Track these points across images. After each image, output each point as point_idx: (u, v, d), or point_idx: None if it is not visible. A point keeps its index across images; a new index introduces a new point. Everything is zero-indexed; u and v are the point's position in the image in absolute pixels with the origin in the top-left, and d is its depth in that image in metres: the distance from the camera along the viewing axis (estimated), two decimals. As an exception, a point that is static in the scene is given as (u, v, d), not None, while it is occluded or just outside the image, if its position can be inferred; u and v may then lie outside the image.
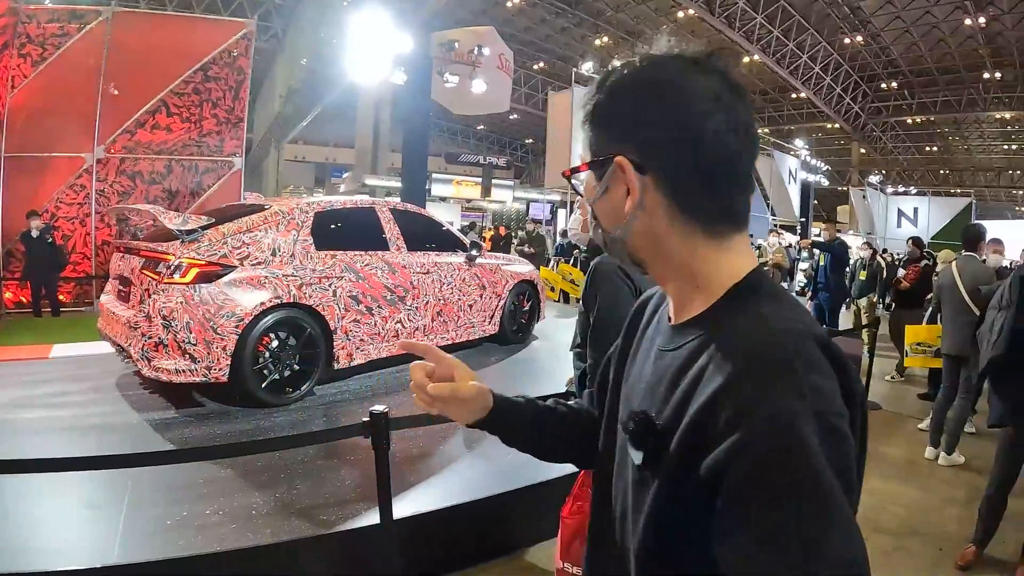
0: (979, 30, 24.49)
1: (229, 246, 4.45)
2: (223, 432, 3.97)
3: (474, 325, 6.29)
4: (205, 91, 9.63)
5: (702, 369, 0.72)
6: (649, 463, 0.76)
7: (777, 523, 0.61)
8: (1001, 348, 3.50)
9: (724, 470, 0.65)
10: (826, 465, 0.62)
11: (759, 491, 0.63)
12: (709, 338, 0.75)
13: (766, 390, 0.65)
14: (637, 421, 0.78)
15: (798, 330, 0.72)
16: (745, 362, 0.68)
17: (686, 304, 0.83)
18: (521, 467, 3.54)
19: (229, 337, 4.24)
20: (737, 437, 0.64)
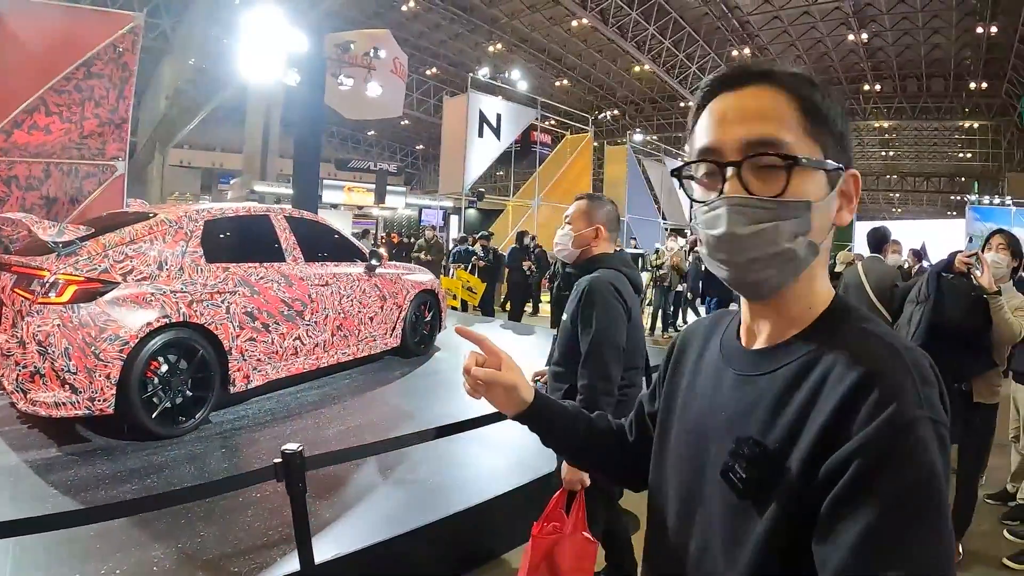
0: (861, 45, 26.85)
1: (111, 260, 4.18)
2: (111, 472, 3.70)
3: (376, 338, 6.22)
4: (87, 89, 8.95)
5: (818, 385, 0.77)
6: (758, 490, 0.78)
7: (881, 521, 0.67)
8: (920, 339, 3.75)
9: (844, 468, 0.70)
10: (941, 469, 0.69)
11: (879, 487, 0.68)
12: (818, 356, 0.80)
13: (890, 400, 0.70)
14: (750, 446, 0.80)
15: (908, 346, 0.78)
16: (868, 376, 0.73)
17: (784, 327, 0.87)
18: (443, 491, 3.57)
19: (113, 363, 3.96)
20: (862, 437, 0.69)
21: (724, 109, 0.86)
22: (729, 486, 0.82)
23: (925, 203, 41.05)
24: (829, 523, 0.70)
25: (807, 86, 0.85)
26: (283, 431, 4.43)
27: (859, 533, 0.67)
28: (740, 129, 0.83)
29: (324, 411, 4.92)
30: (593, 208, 2.69)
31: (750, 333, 0.92)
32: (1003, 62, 25.61)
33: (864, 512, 0.67)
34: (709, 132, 0.86)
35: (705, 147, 0.86)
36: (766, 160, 0.81)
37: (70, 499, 3.35)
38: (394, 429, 4.60)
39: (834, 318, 0.85)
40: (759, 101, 0.84)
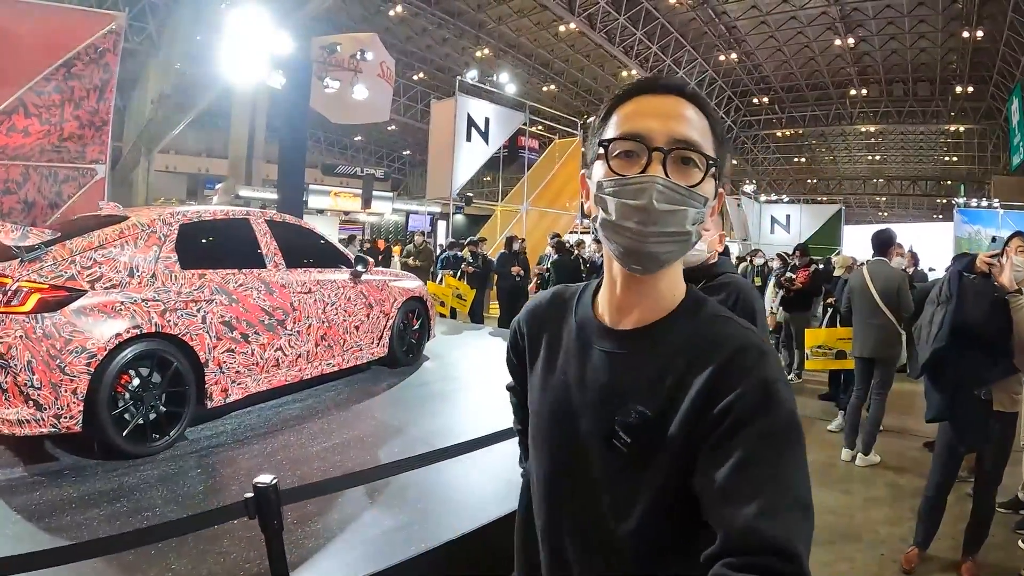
0: (848, 50, 27.02)
1: (78, 266, 3.88)
2: (78, 495, 3.41)
3: (362, 348, 5.95)
4: (67, 90, 8.62)
5: (693, 359, 0.92)
6: (642, 452, 0.92)
7: (758, 452, 0.82)
8: (943, 340, 3.69)
9: (722, 419, 0.85)
10: (798, 416, 0.87)
11: (752, 429, 0.83)
12: (689, 336, 0.96)
13: (755, 366, 0.89)
14: (638, 414, 0.93)
15: (754, 329, 0.98)
16: (738, 349, 0.91)
17: (651, 311, 1.00)
18: (433, 517, 3.30)
19: (80, 378, 3.67)
20: (737, 394, 0.86)
21: (654, 106, 0.98)
22: (614, 453, 0.95)
23: (911, 207, 41.29)
24: (710, 458, 0.85)
25: (713, 111, 1.02)
26: (264, 448, 4.15)
27: (736, 462, 0.82)
28: (670, 125, 0.95)
29: (307, 426, 4.63)
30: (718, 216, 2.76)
31: (618, 312, 1.03)
32: (988, 67, 25.72)
33: (739, 447, 0.82)
34: (636, 120, 0.97)
35: (633, 132, 0.96)
36: (686, 155, 0.95)
37: (33, 525, 3.07)
38: (381, 445, 4.34)
39: (695, 304, 1.02)
40: (684, 110, 0.98)
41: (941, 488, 3.86)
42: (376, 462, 4.00)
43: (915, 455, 5.89)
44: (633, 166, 0.95)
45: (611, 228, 0.97)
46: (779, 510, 0.78)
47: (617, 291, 1.02)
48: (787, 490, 0.80)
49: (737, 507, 0.79)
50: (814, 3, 23.96)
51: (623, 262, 0.98)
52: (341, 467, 3.84)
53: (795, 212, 28.20)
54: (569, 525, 1.03)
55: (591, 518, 0.98)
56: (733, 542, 0.78)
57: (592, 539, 1.00)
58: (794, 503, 0.80)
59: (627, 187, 0.94)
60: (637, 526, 0.92)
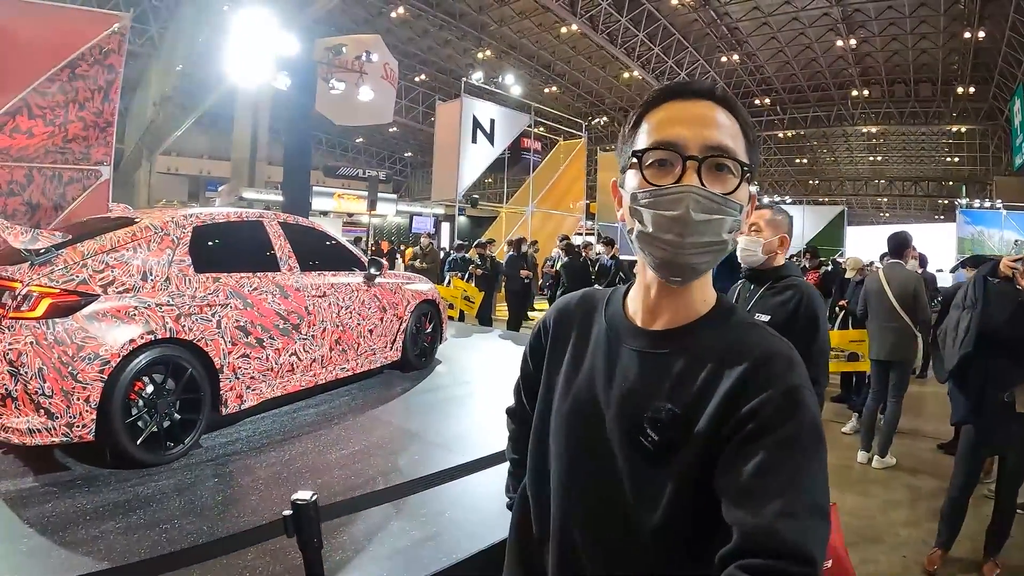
0: (849, 51, 26.92)
1: (90, 269, 3.76)
2: (92, 506, 3.28)
3: (376, 352, 5.84)
4: (72, 91, 8.48)
5: (722, 362, 0.93)
6: (669, 448, 0.92)
7: (780, 456, 0.83)
8: (970, 346, 3.70)
9: (748, 420, 0.86)
10: (821, 423, 0.89)
11: (775, 432, 0.84)
12: (718, 340, 0.96)
13: (783, 373, 0.90)
14: (667, 412, 0.93)
15: (783, 338, 0.98)
16: (766, 356, 0.92)
17: (683, 314, 1.01)
18: (465, 526, 3.18)
19: (93, 385, 3.54)
20: (762, 397, 0.87)
21: (685, 113, 0.96)
22: (637, 449, 0.95)
23: (912, 207, 41.21)
24: (732, 459, 0.86)
25: (744, 113, 1.00)
26: (281, 456, 4.03)
27: (757, 464, 0.83)
28: (703, 132, 0.94)
29: (324, 432, 4.52)
30: (779, 219, 2.92)
31: (650, 314, 1.03)
32: (990, 67, 25.61)
33: (762, 450, 0.83)
34: (668, 128, 0.96)
35: (665, 141, 0.95)
36: (720, 162, 0.94)
37: (47, 539, 2.94)
38: (401, 452, 4.23)
39: (725, 311, 1.02)
40: (716, 114, 0.96)
41: (964, 490, 3.84)
42: (397, 469, 3.90)
43: (930, 457, 5.87)
44: (667, 175, 0.95)
45: (648, 240, 0.96)
46: (798, 513, 0.79)
47: (651, 296, 1.03)
48: (806, 495, 0.82)
49: (756, 508, 0.80)
50: (816, 4, 23.85)
51: (660, 273, 0.98)
52: (362, 475, 3.73)
53: (798, 213, 27.93)
54: (585, 520, 1.03)
55: (611, 513, 0.98)
56: (750, 542, 0.79)
57: (610, 535, 0.99)
58: (813, 508, 0.81)
59: (663, 198, 0.93)
60: (658, 522, 0.92)
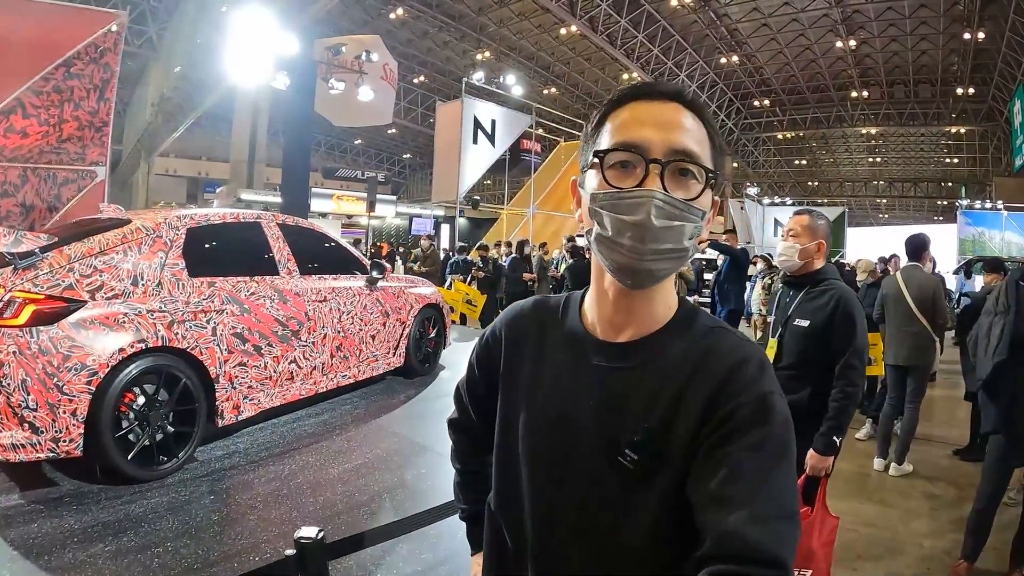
0: (849, 52, 26.91)
1: (76, 274, 3.53)
2: (80, 526, 3.06)
3: (378, 358, 5.62)
4: (67, 90, 8.33)
5: (694, 371, 0.92)
6: (649, 468, 0.91)
7: (750, 462, 0.83)
8: (1004, 353, 3.56)
9: (719, 427, 0.86)
10: (792, 428, 0.88)
11: (746, 438, 0.84)
12: (687, 349, 0.95)
13: (755, 377, 0.90)
14: (641, 432, 0.91)
15: (751, 341, 1.00)
16: (737, 362, 0.91)
17: (647, 324, 0.98)
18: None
19: (80, 397, 3.31)
20: (735, 404, 0.87)
21: (651, 114, 0.93)
22: (618, 469, 0.92)
23: (912, 209, 41.13)
24: (703, 464, 0.86)
25: (711, 118, 0.97)
26: (280, 471, 3.80)
27: (727, 470, 0.82)
28: (668, 135, 0.91)
29: (325, 444, 4.30)
30: (816, 224, 2.92)
31: (611, 326, 0.99)
32: (990, 68, 25.52)
33: (733, 455, 0.83)
34: (634, 129, 0.92)
35: (629, 142, 0.91)
36: (684, 167, 0.91)
37: (32, 563, 2.75)
38: (407, 466, 4.00)
39: (688, 316, 0.99)
40: (682, 118, 0.93)
41: (992, 500, 3.71)
42: (403, 485, 3.68)
43: (946, 463, 5.70)
44: (629, 178, 0.91)
45: (606, 243, 0.92)
46: (768, 518, 0.79)
47: (609, 304, 0.99)
48: (776, 499, 0.81)
49: (726, 513, 0.79)
50: (816, 5, 23.80)
51: (617, 277, 0.94)
52: (367, 491, 3.51)
53: (798, 215, 27.97)
54: (569, 539, 0.99)
55: (594, 532, 0.96)
56: (719, 547, 0.78)
57: (595, 553, 0.96)
58: (782, 512, 0.81)
59: (623, 201, 0.90)
60: (643, 539, 0.91)
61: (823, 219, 2.98)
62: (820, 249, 2.91)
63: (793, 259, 2.92)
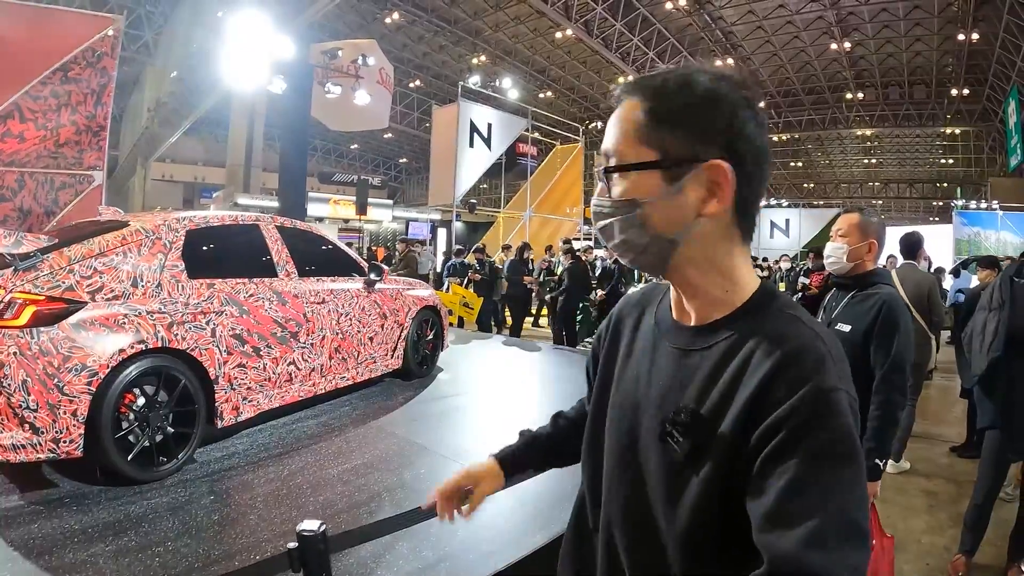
0: (844, 54, 26.91)
1: (77, 275, 3.53)
2: (80, 527, 3.06)
3: (376, 360, 5.63)
4: (64, 94, 8.33)
5: (746, 361, 0.87)
6: (695, 451, 0.88)
7: (809, 473, 0.77)
8: (999, 349, 3.58)
9: (774, 433, 0.80)
10: (856, 432, 0.81)
11: (803, 446, 0.78)
12: (747, 335, 0.90)
13: (812, 373, 0.82)
14: (687, 414, 0.89)
15: (825, 331, 0.91)
16: (794, 353, 0.84)
17: (709, 308, 0.96)
18: (469, 552, 2.97)
19: (80, 398, 3.32)
20: (790, 404, 0.80)
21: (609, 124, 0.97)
22: (667, 450, 0.91)
23: (907, 209, 41.20)
24: (760, 479, 0.80)
25: (664, 90, 0.92)
26: (280, 471, 3.81)
27: (785, 483, 0.77)
28: (607, 142, 0.96)
29: (324, 445, 4.30)
30: (867, 222, 2.76)
31: (682, 310, 1.00)
32: (984, 69, 25.64)
33: (790, 466, 0.77)
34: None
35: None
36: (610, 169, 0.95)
37: (33, 563, 2.74)
38: (407, 466, 4.01)
39: (761, 302, 0.94)
40: (618, 116, 0.95)
41: (989, 496, 3.74)
42: (403, 485, 3.69)
43: (944, 461, 5.74)
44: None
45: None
46: (828, 538, 0.74)
47: (672, 290, 1.03)
48: (838, 516, 0.75)
49: (783, 533, 0.75)
50: (810, 8, 23.85)
51: None
52: (366, 490, 3.51)
53: (794, 216, 28.23)
54: (622, 518, 1.01)
55: (642, 513, 0.96)
56: (777, 570, 0.75)
57: (641, 534, 0.97)
58: (846, 530, 0.75)
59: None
60: (685, 524, 0.89)
61: (875, 217, 2.81)
62: (871, 250, 2.74)
63: (841, 260, 2.76)
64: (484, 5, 25.56)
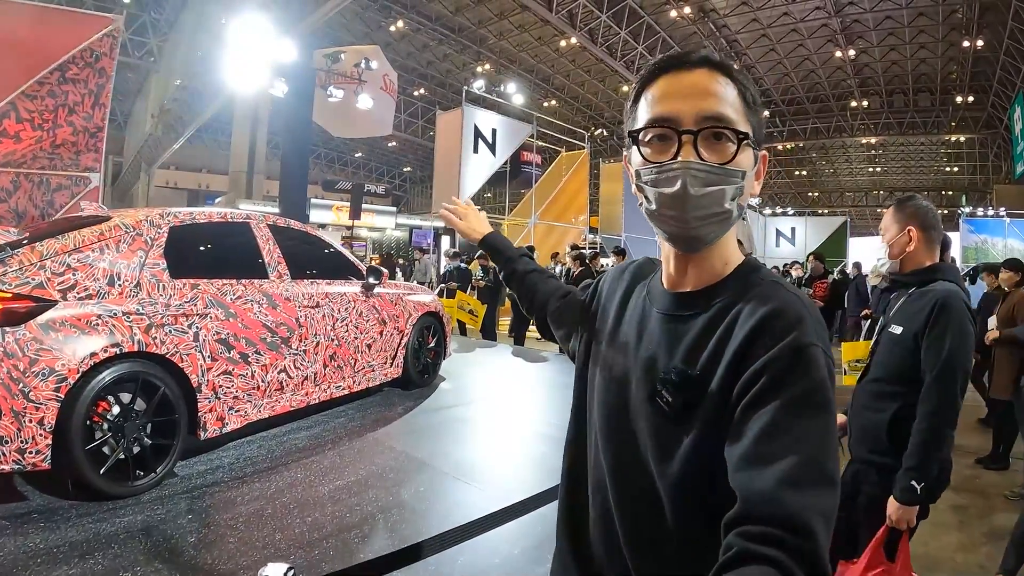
0: (848, 61, 26.73)
1: (48, 272, 3.24)
2: (46, 546, 2.76)
3: (374, 369, 5.33)
4: (61, 95, 8.21)
5: (733, 321, 0.92)
6: (686, 408, 0.91)
7: (785, 418, 0.79)
8: None
9: (754, 381, 0.83)
10: (829, 383, 0.84)
11: (780, 393, 0.81)
12: (734, 300, 0.95)
13: (791, 329, 0.86)
14: (677, 373, 0.92)
15: (806, 297, 0.96)
16: (774, 312, 0.89)
17: (703, 278, 1.00)
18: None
19: (48, 405, 3.02)
20: (770, 354, 0.84)
21: (678, 86, 0.96)
22: (656, 409, 0.95)
23: (911, 218, 40.96)
24: (740, 424, 0.83)
25: (741, 75, 0.99)
26: (266, 489, 3.49)
27: (761, 427, 0.80)
28: (697, 103, 0.94)
29: (316, 459, 3.98)
30: (900, 208, 2.48)
31: (674, 282, 1.04)
32: (989, 76, 25.41)
33: (767, 411, 0.80)
34: (663, 103, 0.96)
35: (661, 116, 0.95)
36: (717, 131, 0.93)
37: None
38: (404, 483, 3.68)
39: (747, 271, 1.00)
40: (709, 82, 0.96)
41: None
42: (400, 504, 3.36)
43: (969, 472, 5.48)
44: (666, 151, 0.95)
45: (654, 216, 0.98)
46: (802, 481, 0.75)
47: (671, 264, 1.04)
48: (812, 460, 0.77)
49: (759, 473, 0.77)
50: (814, 16, 23.64)
51: (672, 244, 1.01)
52: (359, 511, 3.19)
53: (800, 225, 28.06)
54: (614, 479, 1.03)
55: (634, 474, 0.98)
56: (751, 508, 0.75)
57: (633, 495, 0.99)
58: (819, 476, 0.76)
59: (661, 175, 0.94)
60: (675, 483, 0.91)
61: (914, 204, 2.48)
62: (913, 237, 2.40)
63: (885, 259, 2.49)
64: (489, 13, 25.44)
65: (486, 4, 24.58)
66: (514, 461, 4.36)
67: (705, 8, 24.26)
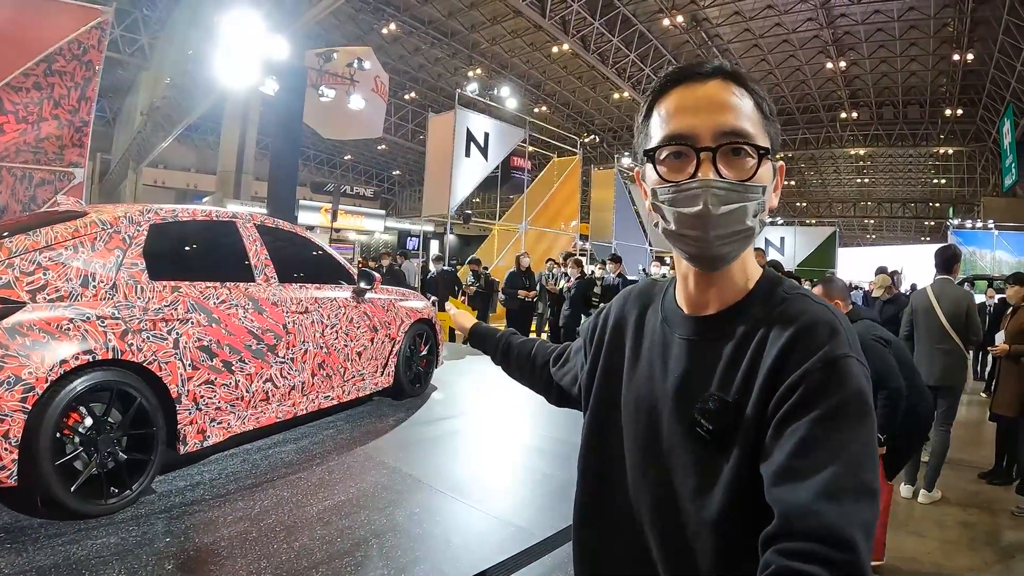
0: (839, 73, 26.96)
1: (16, 271, 2.98)
2: (11, 570, 2.52)
3: (364, 378, 5.09)
4: (47, 87, 8.02)
5: (763, 341, 0.89)
6: (724, 436, 0.88)
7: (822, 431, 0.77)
8: None
9: (788, 397, 0.81)
10: (868, 394, 0.82)
11: (815, 407, 0.79)
12: (762, 318, 0.92)
13: (823, 342, 0.84)
14: (715, 400, 0.90)
15: (832, 306, 0.93)
16: (805, 327, 0.87)
17: (725, 297, 0.97)
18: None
19: (13, 417, 2.76)
20: (803, 368, 0.82)
21: (692, 98, 0.93)
22: (695, 439, 0.91)
23: (899, 229, 41.33)
24: (773, 440, 0.81)
25: (756, 85, 0.96)
26: (250, 508, 3.23)
27: (796, 440, 0.78)
28: (713, 118, 0.91)
29: (304, 475, 3.73)
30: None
31: (695, 303, 1.00)
32: (978, 89, 25.59)
33: (802, 425, 0.78)
34: (678, 118, 0.93)
35: (677, 132, 0.92)
36: (736, 147, 0.90)
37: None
38: (400, 503, 3.45)
39: (770, 286, 0.97)
40: (724, 94, 0.92)
41: None
42: (394, 528, 3.13)
43: (973, 488, 5.41)
44: (684, 168, 0.92)
45: (673, 237, 0.95)
46: (840, 493, 0.73)
47: (691, 285, 1.01)
48: (850, 472, 0.75)
49: (795, 487, 0.75)
50: (806, 27, 23.77)
51: (692, 264, 0.97)
52: (350, 536, 2.95)
53: (789, 235, 28.14)
54: (652, 511, 0.98)
55: (673, 505, 0.94)
56: (789, 524, 0.73)
57: (674, 525, 0.94)
58: (858, 487, 0.74)
59: (681, 194, 0.91)
60: (717, 512, 0.87)
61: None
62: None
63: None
64: (481, 18, 25.38)
65: (479, 8, 24.51)
66: (512, 478, 4.14)
67: (698, 17, 24.33)
